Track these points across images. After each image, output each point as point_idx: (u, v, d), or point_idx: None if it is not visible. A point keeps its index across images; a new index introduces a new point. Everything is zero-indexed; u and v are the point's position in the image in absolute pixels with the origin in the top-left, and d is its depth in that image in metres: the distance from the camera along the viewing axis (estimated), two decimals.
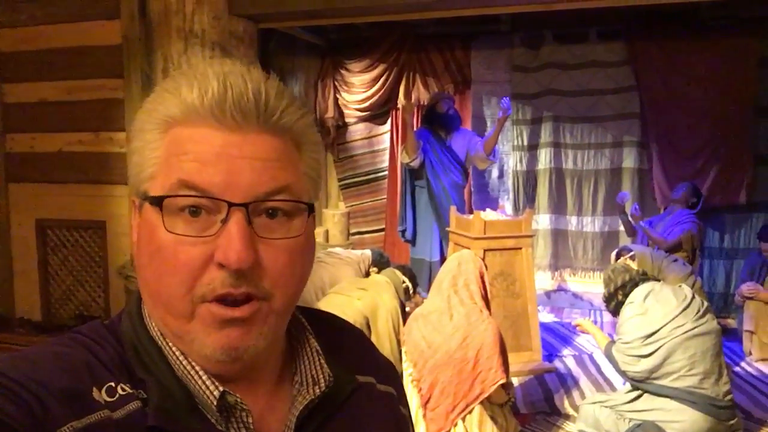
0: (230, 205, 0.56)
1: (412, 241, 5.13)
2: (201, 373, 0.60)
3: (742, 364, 4.18)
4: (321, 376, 0.66)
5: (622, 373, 2.98)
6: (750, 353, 4.27)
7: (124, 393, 0.56)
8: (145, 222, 0.60)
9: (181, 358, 0.60)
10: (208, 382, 0.59)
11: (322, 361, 0.68)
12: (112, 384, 0.56)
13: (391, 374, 0.81)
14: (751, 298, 4.25)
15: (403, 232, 5.15)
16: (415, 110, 5.54)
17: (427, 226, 5.00)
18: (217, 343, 0.57)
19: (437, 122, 4.92)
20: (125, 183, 3.73)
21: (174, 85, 0.59)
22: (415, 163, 4.84)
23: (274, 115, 0.59)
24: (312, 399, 0.64)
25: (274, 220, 0.59)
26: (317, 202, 0.66)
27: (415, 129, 5.04)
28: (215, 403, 0.59)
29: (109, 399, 0.55)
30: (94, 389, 0.55)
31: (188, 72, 0.60)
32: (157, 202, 0.57)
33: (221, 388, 0.59)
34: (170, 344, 0.61)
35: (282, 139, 0.60)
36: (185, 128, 0.58)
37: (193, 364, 0.60)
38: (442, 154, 4.89)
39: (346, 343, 0.77)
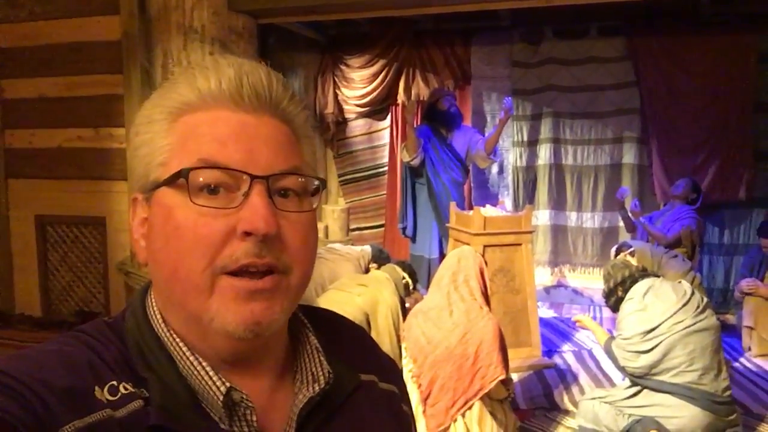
0: (252, 177, 0.58)
1: (413, 238, 5.13)
2: (208, 368, 0.60)
3: (742, 359, 4.18)
4: (321, 373, 0.66)
5: (622, 369, 2.98)
6: (749, 349, 4.27)
7: (126, 392, 0.56)
8: (158, 207, 0.60)
9: (187, 353, 0.60)
10: (215, 378, 0.59)
11: (322, 358, 0.68)
12: (115, 383, 0.56)
13: (394, 372, 0.81)
14: (750, 294, 4.25)
15: (404, 229, 5.14)
16: (416, 107, 5.53)
17: (427, 223, 4.99)
18: (240, 318, 0.57)
19: (438, 120, 4.90)
20: (125, 179, 3.73)
21: (186, 77, 0.61)
22: (416, 162, 4.83)
23: (282, 102, 0.62)
24: (312, 396, 0.64)
25: (286, 199, 0.61)
26: None
27: (415, 126, 5.02)
28: (221, 399, 0.58)
29: (111, 398, 0.55)
30: (97, 388, 0.55)
31: (198, 65, 0.62)
32: (184, 174, 0.57)
33: (228, 384, 0.59)
34: (176, 339, 0.61)
35: (288, 127, 0.63)
36: (199, 113, 0.60)
37: (200, 359, 0.60)
38: (442, 152, 4.87)
39: (348, 340, 0.77)
